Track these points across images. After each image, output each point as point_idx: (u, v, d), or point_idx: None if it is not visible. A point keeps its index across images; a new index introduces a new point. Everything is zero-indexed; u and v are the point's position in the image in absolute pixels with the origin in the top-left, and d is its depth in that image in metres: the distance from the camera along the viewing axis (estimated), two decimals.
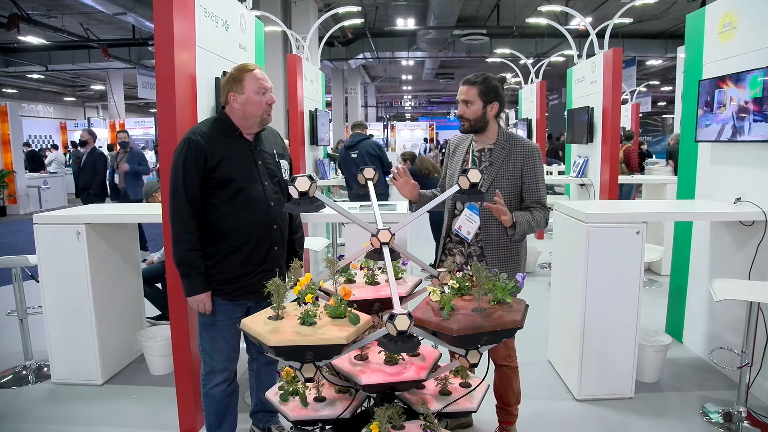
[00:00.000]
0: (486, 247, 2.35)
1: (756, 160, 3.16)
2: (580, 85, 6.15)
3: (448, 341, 1.55)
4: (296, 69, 5.52)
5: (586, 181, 6.06)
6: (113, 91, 19.40)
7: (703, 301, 3.62)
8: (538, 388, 3.18)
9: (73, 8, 12.07)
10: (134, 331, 3.59)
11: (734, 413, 2.79)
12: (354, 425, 1.70)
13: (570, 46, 6.77)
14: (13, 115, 12.03)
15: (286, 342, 1.45)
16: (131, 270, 3.68)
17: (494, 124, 2.38)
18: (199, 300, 2.15)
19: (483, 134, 2.39)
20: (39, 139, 19.00)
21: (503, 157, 2.34)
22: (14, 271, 3.49)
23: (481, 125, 2.34)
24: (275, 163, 2.31)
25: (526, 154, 2.33)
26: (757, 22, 3.09)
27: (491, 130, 2.38)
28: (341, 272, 1.90)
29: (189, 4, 2.61)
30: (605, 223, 2.92)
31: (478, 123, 2.34)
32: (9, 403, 3.13)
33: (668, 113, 23.16)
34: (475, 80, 2.32)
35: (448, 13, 12.00)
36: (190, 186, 2.09)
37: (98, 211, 3.53)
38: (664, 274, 5.55)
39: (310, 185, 1.52)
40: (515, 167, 2.33)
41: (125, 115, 20.51)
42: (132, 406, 3.06)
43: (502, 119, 2.53)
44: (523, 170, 2.33)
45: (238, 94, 2.14)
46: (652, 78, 20.16)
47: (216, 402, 2.31)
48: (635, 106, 12.68)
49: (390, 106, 36.64)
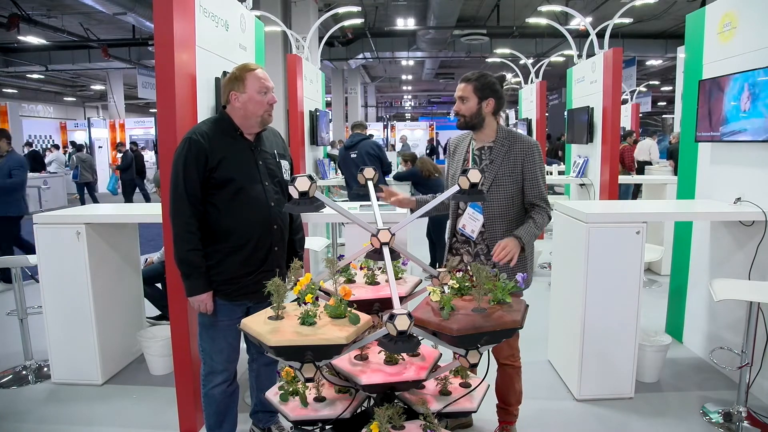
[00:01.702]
0: (491, 245, 2.33)
1: (756, 160, 3.16)
2: (580, 85, 6.15)
3: (448, 341, 1.55)
4: (296, 69, 5.52)
5: (586, 181, 6.06)
6: (113, 91, 19.41)
7: (703, 301, 3.62)
8: (538, 388, 3.17)
9: (73, 8, 12.08)
10: (134, 331, 3.59)
11: (734, 413, 2.79)
12: (354, 425, 1.70)
13: (570, 46, 6.77)
14: (13, 115, 12.07)
15: (286, 342, 1.45)
16: (131, 270, 3.68)
17: (492, 121, 2.38)
18: (201, 300, 2.15)
19: (481, 132, 2.39)
20: (39, 139, 19.00)
21: (503, 154, 2.34)
22: (14, 271, 3.50)
23: (477, 122, 2.34)
24: (276, 164, 2.30)
25: (526, 151, 2.33)
26: (757, 22, 3.09)
27: (489, 127, 2.37)
28: (341, 272, 1.90)
29: (189, 4, 2.61)
30: (605, 223, 2.92)
31: (473, 119, 2.34)
32: (9, 403, 3.13)
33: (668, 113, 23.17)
34: (471, 77, 2.34)
35: (448, 13, 12.01)
36: (191, 186, 2.08)
37: (98, 211, 3.54)
38: (664, 274, 5.55)
39: (310, 185, 1.52)
40: (515, 164, 2.33)
41: (125, 115, 20.51)
42: (132, 406, 3.06)
43: (501, 117, 2.53)
44: (523, 167, 2.33)
45: (239, 93, 2.13)
46: (652, 78, 20.17)
47: (216, 402, 2.31)
48: (635, 106, 12.69)
49: (390, 106, 36.64)
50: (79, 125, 19.99)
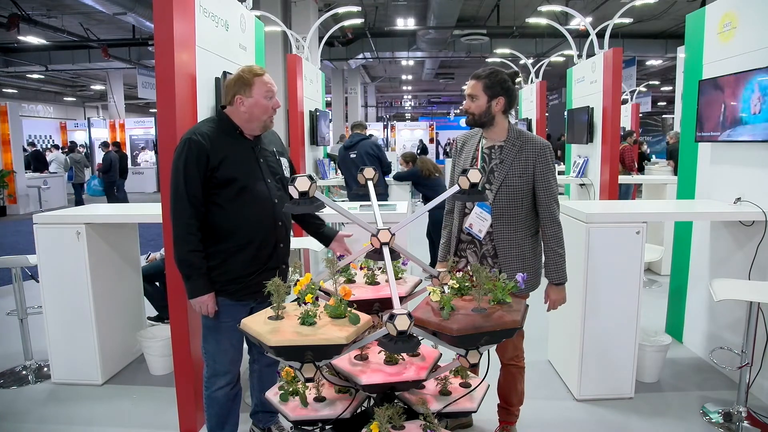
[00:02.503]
0: (498, 245, 2.30)
1: (756, 160, 3.16)
2: (580, 85, 6.15)
3: (448, 341, 1.55)
4: (296, 69, 5.52)
5: (586, 181, 6.06)
6: (113, 91, 19.41)
7: (703, 301, 3.62)
8: (538, 388, 3.17)
9: (73, 8, 12.08)
10: (134, 331, 3.59)
11: (734, 413, 2.79)
12: (354, 425, 1.70)
13: (570, 46, 6.77)
14: (13, 115, 12.03)
15: (286, 342, 1.45)
16: (131, 270, 3.68)
17: (503, 120, 2.31)
18: (202, 302, 2.13)
19: (491, 130, 2.33)
20: (39, 139, 19.02)
21: (514, 154, 2.28)
22: (14, 271, 3.49)
23: (486, 120, 2.28)
24: (276, 161, 2.31)
25: (538, 152, 2.27)
26: (757, 22, 3.09)
27: (499, 126, 2.31)
28: (341, 272, 1.90)
29: (189, 4, 2.61)
30: (605, 223, 2.92)
31: (482, 117, 2.28)
32: (9, 403, 3.12)
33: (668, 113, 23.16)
34: (482, 74, 2.27)
35: (448, 13, 12.01)
36: (192, 186, 2.07)
37: (98, 211, 3.54)
38: (664, 274, 5.55)
39: (310, 185, 1.51)
40: (527, 165, 2.27)
41: (125, 115, 20.51)
42: (132, 406, 3.06)
43: (512, 115, 2.49)
44: (535, 168, 2.27)
45: (245, 98, 2.12)
46: (652, 78, 20.16)
47: (219, 405, 2.29)
48: (635, 106, 12.68)
49: (390, 106, 36.63)
50: (79, 125, 20.02)
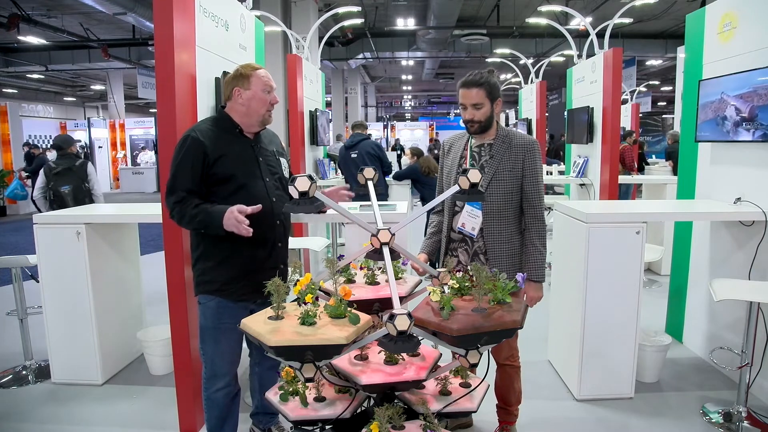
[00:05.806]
0: (489, 243, 2.32)
1: (756, 160, 3.16)
2: (580, 85, 6.15)
3: (448, 341, 1.55)
4: (296, 69, 5.51)
5: (586, 181, 6.06)
6: (113, 91, 19.40)
7: (703, 301, 3.62)
8: (538, 388, 3.17)
9: (73, 8, 12.08)
10: (134, 331, 3.59)
11: (734, 413, 2.79)
12: (354, 425, 1.70)
13: (570, 46, 6.77)
14: (13, 115, 12.04)
15: (286, 342, 1.45)
16: (131, 270, 3.68)
17: (495, 119, 2.36)
18: (231, 219, 1.97)
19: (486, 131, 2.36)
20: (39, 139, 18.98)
21: (504, 149, 2.31)
22: (14, 271, 3.49)
23: (489, 124, 2.31)
24: (275, 161, 2.31)
25: (527, 148, 2.30)
26: (757, 22, 3.09)
27: (493, 126, 2.35)
28: (341, 272, 1.90)
29: (189, 4, 2.61)
30: (605, 223, 2.92)
31: (488, 123, 2.30)
32: (9, 403, 3.12)
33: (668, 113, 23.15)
34: (480, 80, 2.24)
35: (448, 13, 12.01)
36: (188, 180, 2.07)
37: (98, 211, 3.54)
38: (664, 274, 5.55)
39: (310, 185, 1.52)
40: (516, 160, 2.30)
41: (125, 115, 20.51)
42: (132, 406, 3.06)
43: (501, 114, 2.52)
44: (524, 163, 2.30)
45: (243, 90, 2.13)
46: (652, 78, 20.16)
47: (218, 406, 2.29)
48: (635, 106, 12.67)
49: (390, 106, 36.64)
50: (79, 125, 19.99)
